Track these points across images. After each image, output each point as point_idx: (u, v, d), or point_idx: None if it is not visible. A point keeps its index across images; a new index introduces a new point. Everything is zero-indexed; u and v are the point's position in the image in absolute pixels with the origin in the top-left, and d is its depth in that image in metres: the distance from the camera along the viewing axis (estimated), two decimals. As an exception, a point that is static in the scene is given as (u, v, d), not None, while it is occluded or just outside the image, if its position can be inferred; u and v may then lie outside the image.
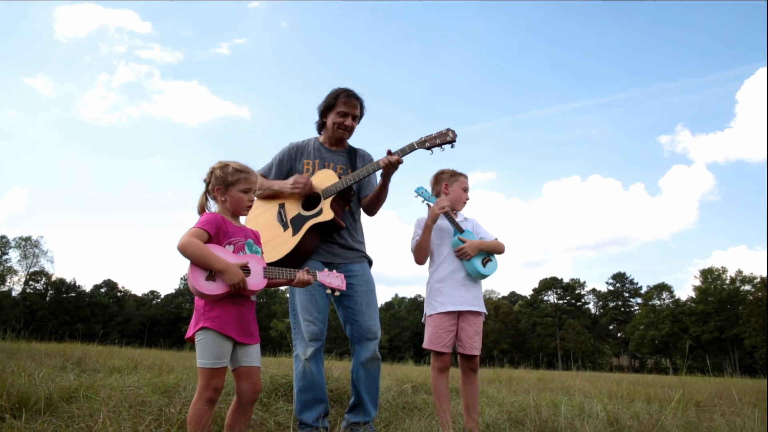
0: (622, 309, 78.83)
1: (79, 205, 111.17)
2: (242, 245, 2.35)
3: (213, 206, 2.46)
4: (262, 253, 2.47)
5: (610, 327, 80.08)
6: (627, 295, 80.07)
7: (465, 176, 3.52)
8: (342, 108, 3.33)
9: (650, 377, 23.69)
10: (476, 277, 3.26)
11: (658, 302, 72.36)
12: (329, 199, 3.17)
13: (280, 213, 3.19)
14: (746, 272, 65.33)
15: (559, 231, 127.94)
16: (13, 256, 69.42)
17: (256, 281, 2.27)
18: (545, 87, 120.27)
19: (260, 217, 3.24)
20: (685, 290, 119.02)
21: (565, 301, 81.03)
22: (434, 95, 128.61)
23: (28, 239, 69.32)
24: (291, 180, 3.21)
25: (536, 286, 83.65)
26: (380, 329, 3.22)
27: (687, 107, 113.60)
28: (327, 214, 3.13)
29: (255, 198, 3.11)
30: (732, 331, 60.69)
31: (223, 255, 2.24)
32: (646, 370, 72.59)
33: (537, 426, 3.34)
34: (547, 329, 77.21)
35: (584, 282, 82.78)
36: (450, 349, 3.13)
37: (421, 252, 3.29)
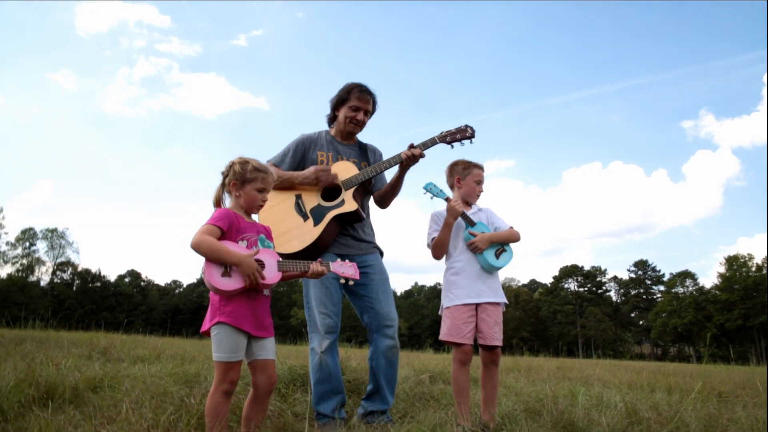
0: (644, 297, 77.86)
1: (101, 196, 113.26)
2: (255, 240, 2.37)
3: (228, 200, 2.49)
4: (275, 247, 2.50)
5: (632, 315, 79.20)
6: (649, 282, 79.01)
7: (480, 167, 3.48)
8: (355, 102, 3.33)
9: (672, 366, 23.42)
10: (489, 270, 3.24)
11: (681, 290, 71.26)
12: (351, 190, 3.19)
13: (298, 204, 3.18)
14: (773, 259, 63.92)
15: (580, 218, 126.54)
16: (41, 247, 71.12)
17: (270, 275, 2.29)
18: (564, 73, 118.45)
19: (276, 208, 3.22)
20: (709, 277, 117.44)
21: (586, 288, 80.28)
22: (452, 84, 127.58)
23: (54, 231, 70.91)
24: (312, 169, 3.19)
25: (557, 273, 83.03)
26: (397, 316, 3.22)
27: (711, 91, 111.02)
28: (350, 204, 3.15)
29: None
30: (758, 319, 59.48)
31: (237, 250, 2.27)
32: (668, 358, 71.75)
33: (553, 417, 3.34)
34: (568, 317, 76.68)
35: (605, 269, 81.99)
36: (471, 341, 3.11)
37: (440, 249, 3.28)
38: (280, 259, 2.38)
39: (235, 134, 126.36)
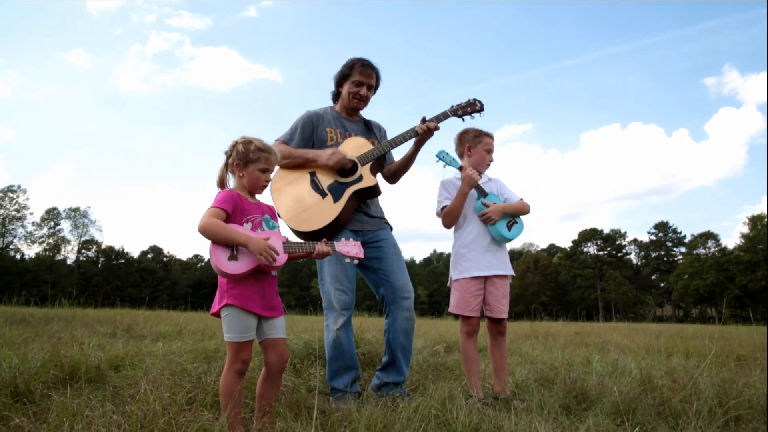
0: (665, 259, 77.10)
1: (121, 174, 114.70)
2: (260, 221, 2.38)
3: (231, 180, 2.49)
4: (279, 227, 2.51)
5: (653, 277, 78.63)
6: (670, 244, 78.07)
7: (490, 136, 3.44)
8: (357, 77, 3.30)
9: (693, 328, 23.26)
10: (501, 241, 3.23)
11: (702, 251, 70.33)
12: (368, 165, 3.20)
13: (314, 181, 3.16)
14: (799, 217, 62.58)
15: (599, 182, 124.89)
16: (65, 226, 72.70)
17: (277, 258, 2.31)
18: (580, 33, 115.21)
19: (292, 186, 3.18)
20: (732, 238, 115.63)
21: (606, 252, 79.70)
22: (467, 48, 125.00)
23: (76, 210, 72.27)
24: (329, 152, 3.16)
25: (575, 237, 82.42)
26: (413, 288, 3.26)
27: (735, 46, 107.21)
28: (369, 179, 3.18)
29: (277, 171, 3.13)
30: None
31: (244, 230, 2.29)
32: (689, 320, 71.43)
33: (566, 386, 3.36)
34: (588, 281, 76.45)
35: (625, 232, 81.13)
36: (478, 313, 3.14)
37: (452, 217, 3.27)
38: (286, 239, 2.39)
39: (249, 107, 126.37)
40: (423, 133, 3.22)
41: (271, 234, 2.35)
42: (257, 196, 2.51)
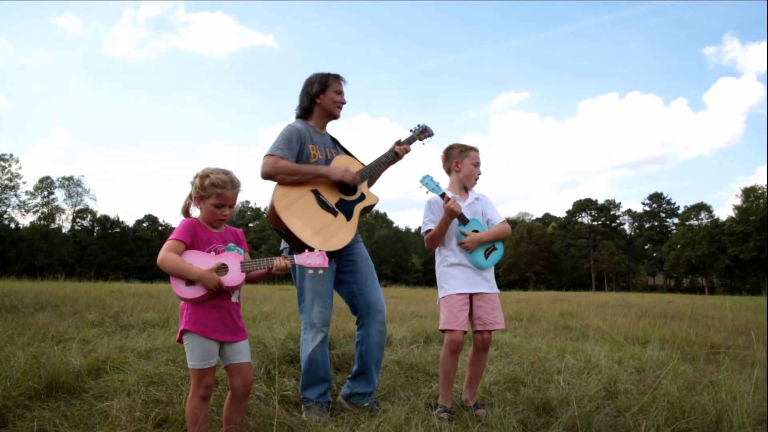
0: (659, 229, 77.68)
1: (114, 142, 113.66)
2: (222, 251, 2.42)
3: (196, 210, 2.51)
4: (246, 252, 2.54)
5: (646, 247, 79.41)
6: (664, 215, 78.60)
7: (476, 150, 3.46)
8: (338, 87, 3.41)
9: (681, 300, 23.68)
10: (478, 267, 3.28)
11: (695, 222, 70.87)
12: (365, 183, 3.38)
13: (321, 199, 3.17)
14: (792, 189, 62.90)
15: (596, 151, 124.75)
16: (59, 195, 72.45)
17: (233, 278, 2.35)
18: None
19: (298, 205, 3.12)
20: (725, 208, 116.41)
21: (600, 222, 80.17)
22: (464, 12, 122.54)
23: (70, 179, 71.89)
24: (342, 168, 3.22)
25: (570, 207, 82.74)
26: (385, 302, 3.36)
27: (736, 14, 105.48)
28: (372, 197, 3.37)
29: (276, 188, 3.11)
30: (773, 250, 59.28)
31: (199, 259, 2.32)
32: (680, 289, 72.53)
33: (532, 392, 3.48)
34: (581, 251, 77.16)
35: (620, 203, 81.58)
36: (465, 328, 3.20)
37: (435, 242, 3.32)
38: (243, 260, 2.42)
39: (245, 73, 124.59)
40: (402, 154, 3.56)
41: (227, 256, 2.39)
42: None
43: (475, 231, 3.27)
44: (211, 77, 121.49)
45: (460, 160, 3.41)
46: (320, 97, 3.39)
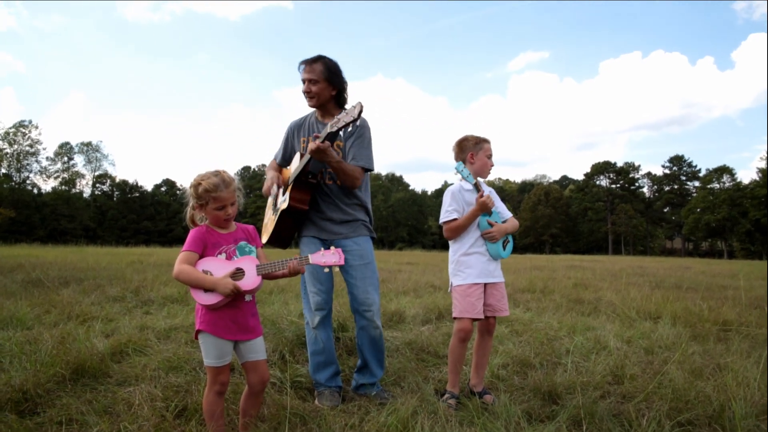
0: (678, 193, 76.46)
1: (131, 106, 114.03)
2: (233, 251, 2.48)
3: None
4: (259, 247, 2.60)
5: (665, 210, 78.39)
6: (684, 178, 77.20)
7: (488, 142, 3.49)
8: (302, 76, 3.34)
9: (699, 265, 23.50)
10: (495, 258, 3.35)
11: (717, 186, 69.52)
12: (289, 188, 3.26)
13: (275, 198, 3.46)
14: (820, 150, 61.12)
15: (616, 112, 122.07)
16: (78, 161, 73.52)
17: (250, 282, 2.42)
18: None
19: (269, 201, 3.55)
20: (749, 170, 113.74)
21: (618, 185, 79.10)
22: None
23: (89, 144, 72.74)
24: (267, 184, 3.37)
25: (588, 170, 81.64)
26: (377, 300, 3.34)
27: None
28: (284, 204, 3.25)
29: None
30: (796, 213, 58.14)
31: (215, 266, 2.39)
32: (699, 253, 71.82)
33: (540, 376, 3.57)
34: (599, 214, 76.51)
35: (639, 165, 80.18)
36: (482, 316, 3.31)
37: (458, 233, 3.37)
38: (259, 263, 2.49)
39: (260, 36, 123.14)
40: (313, 153, 3.05)
41: (243, 260, 2.46)
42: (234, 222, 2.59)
43: (496, 223, 3.37)
44: (226, 39, 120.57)
45: (476, 152, 3.42)
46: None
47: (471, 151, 3.44)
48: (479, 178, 3.47)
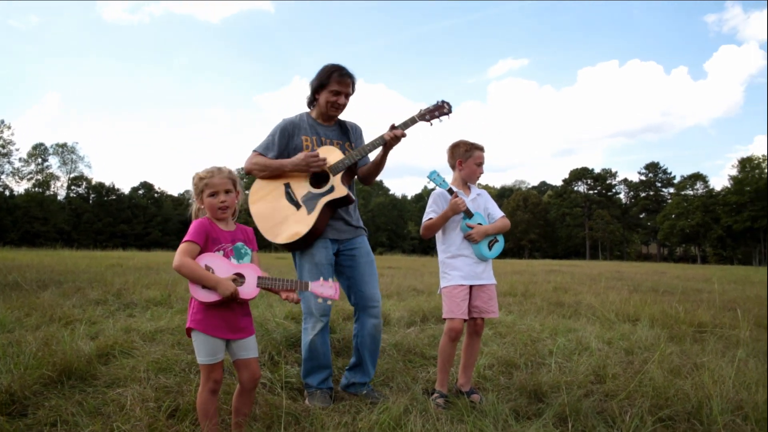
0: (654, 199, 78.03)
1: (108, 108, 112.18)
2: (230, 250, 2.50)
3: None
4: (254, 251, 2.62)
5: (641, 216, 79.92)
6: (659, 184, 78.85)
7: (481, 149, 3.55)
8: (335, 87, 3.33)
9: (674, 270, 24.05)
10: (482, 259, 3.42)
11: (690, 192, 71.18)
12: (339, 175, 3.27)
13: (288, 193, 3.26)
14: (789, 159, 63.09)
15: (594, 119, 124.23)
16: (53, 162, 71.98)
17: (248, 291, 2.43)
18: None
19: (266, 198, 3.28)
20: (721, 178, 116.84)
21: (596, 191, 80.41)
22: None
23: (64, 145, 71.32)
24: (302, 156, 3.23)
25: (566, 176, 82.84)
26: (380, 296, 3.44)
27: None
28: (340, 190, 3.25)
29: (255, 183, 3.21)
30: (766, 220, 59.74)
31: (217, 264, 2.41)
32: (673, 258, 73.33)
33: (525, 376, 3.65)
34: (576, 219, 77.61)
35: (616, 172, 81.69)
36: (466, 316, 3.37)
37: (431, 231, 3.45)
38: (261, 274, 2.50)
39: (241, 39, 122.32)
40: (390, 140, 3.27)
41: (246, 267, 2.47)
42: (234, 221, 2.61)
43: (479, 224, 3.42)
44: (206, 42, 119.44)
45: (464, 159, 3.51)
46: (319, 93, 3.41)
47: (460, 158, 3.52)
48: (470, 184, 3.56)
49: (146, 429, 2.46)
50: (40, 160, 69.62)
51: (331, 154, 3.31)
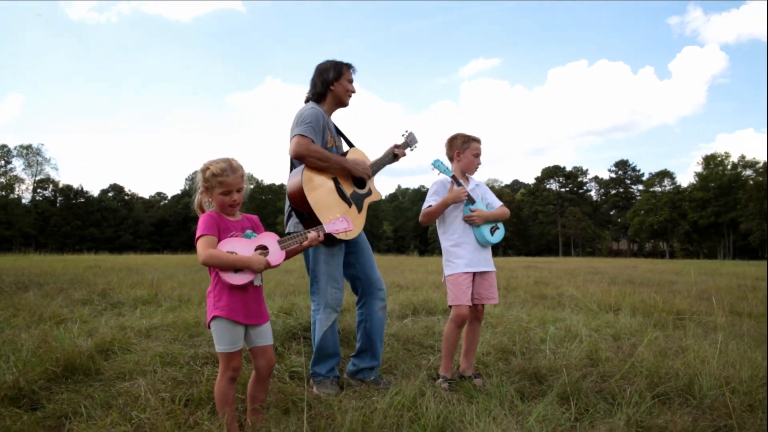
0: (624, 196, 79.93)
1: (75, 109, 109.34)
2: (239, 237, 2.54)
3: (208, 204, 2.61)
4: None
5: (611, 213, 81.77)
6: (629, 182, 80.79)
7: (478, 141, 3.68)
8: (350, 76, 3.55)
9: (645, 264, 24.70)
10: (484, 245, 3.53)
11: (659, 189, 73.19)
12: (373, 180, 3.54)
13: (339, 189, 3.30)
14: (749, 156, 65.44)
15: (564, 118, 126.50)
16: (17, 164, 69.76)
17: (275, 258, 2.49)
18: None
19: (320, 189, 3.19)
20: (687, 175, 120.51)
21: (567, 189, 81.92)
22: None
23: (29, 147, 69.20)
24: (363, 167, 3.42)
25: (539, 174, 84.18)
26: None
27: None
28: (377, 194, 3.56)
29: (303, 170, 3.18)
30: (729, 215, 61.91)
31: (238, 246, 2.43)
32: (643, 253, 75.22)
33: (523, 361, 3.76)
34: (549, 217, 78.89)
35: (587, 170, 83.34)
36: (470, 303, 3.47)
37: (430, 218, 3.57)
38: (279, 238, 2.56)
39: (213, 39, 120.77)
40: (396, 158, 3.78)
41: (263, 237, 2.51)
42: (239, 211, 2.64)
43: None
44: (178, 42, 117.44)
45: (462, 150, 3.63)
46: (334, 84, 3.49)
47: (458, 150, 3.65)
48: (468, 174, 3.68)
49: (165, 416, 2.48)
50: (2, 162, 67.46)
51: (361, 158, 3.51)
